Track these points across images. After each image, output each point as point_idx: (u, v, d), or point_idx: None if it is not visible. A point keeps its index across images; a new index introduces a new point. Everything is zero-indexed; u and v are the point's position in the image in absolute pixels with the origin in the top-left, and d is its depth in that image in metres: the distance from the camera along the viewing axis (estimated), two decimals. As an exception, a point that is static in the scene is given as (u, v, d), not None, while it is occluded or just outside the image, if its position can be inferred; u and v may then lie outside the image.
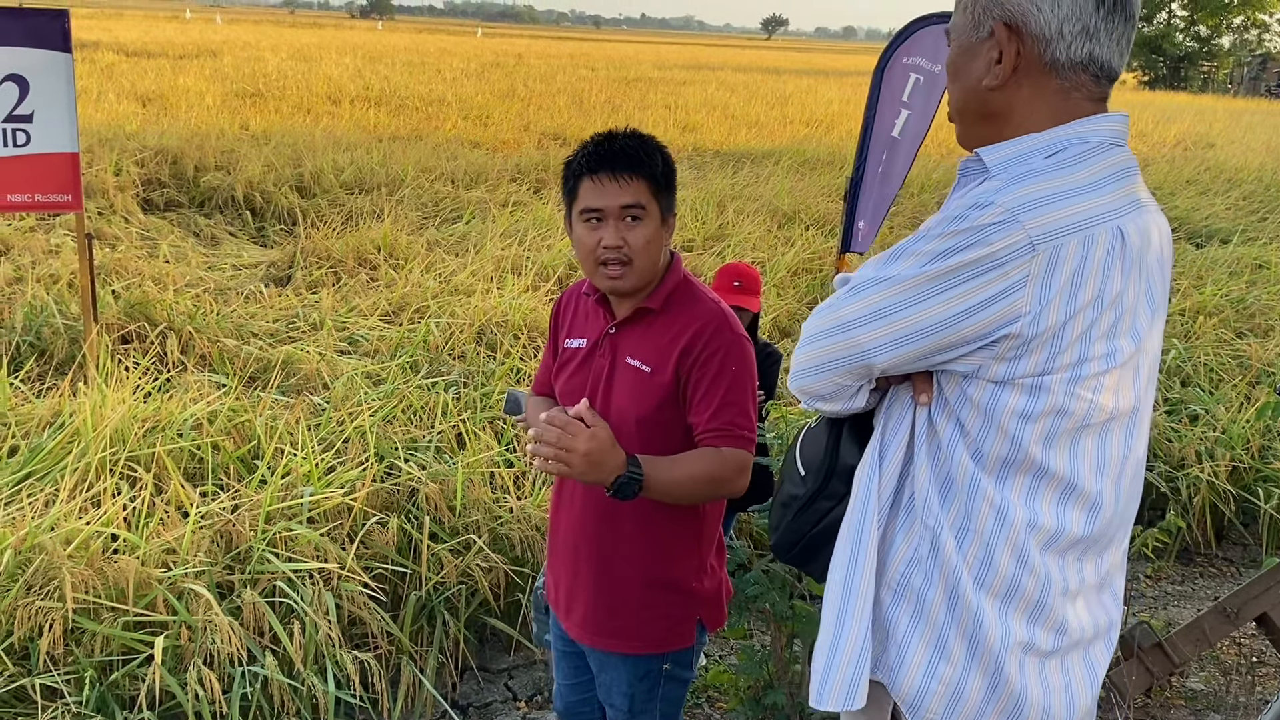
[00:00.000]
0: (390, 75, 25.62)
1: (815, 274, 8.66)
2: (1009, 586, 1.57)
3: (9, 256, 7.82)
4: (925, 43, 6.91)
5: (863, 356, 1.58)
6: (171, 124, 14.21)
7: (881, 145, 7.15)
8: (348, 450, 4.58)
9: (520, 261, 8.30)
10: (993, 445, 1.54)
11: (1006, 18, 1.55)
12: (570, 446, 2.04)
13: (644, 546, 2.33)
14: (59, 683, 3.22)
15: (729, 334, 2.27)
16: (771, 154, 15.80)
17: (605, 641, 2.39)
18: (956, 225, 1.48)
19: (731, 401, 2.23)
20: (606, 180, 2.23)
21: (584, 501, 2.37)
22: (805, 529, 1.80)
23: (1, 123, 5.11)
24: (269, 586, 3.62)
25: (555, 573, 2.51)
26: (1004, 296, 1.45)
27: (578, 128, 17.72)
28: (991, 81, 1.59)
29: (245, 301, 7.27)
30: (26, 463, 4.22)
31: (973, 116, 1.66)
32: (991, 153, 1.59)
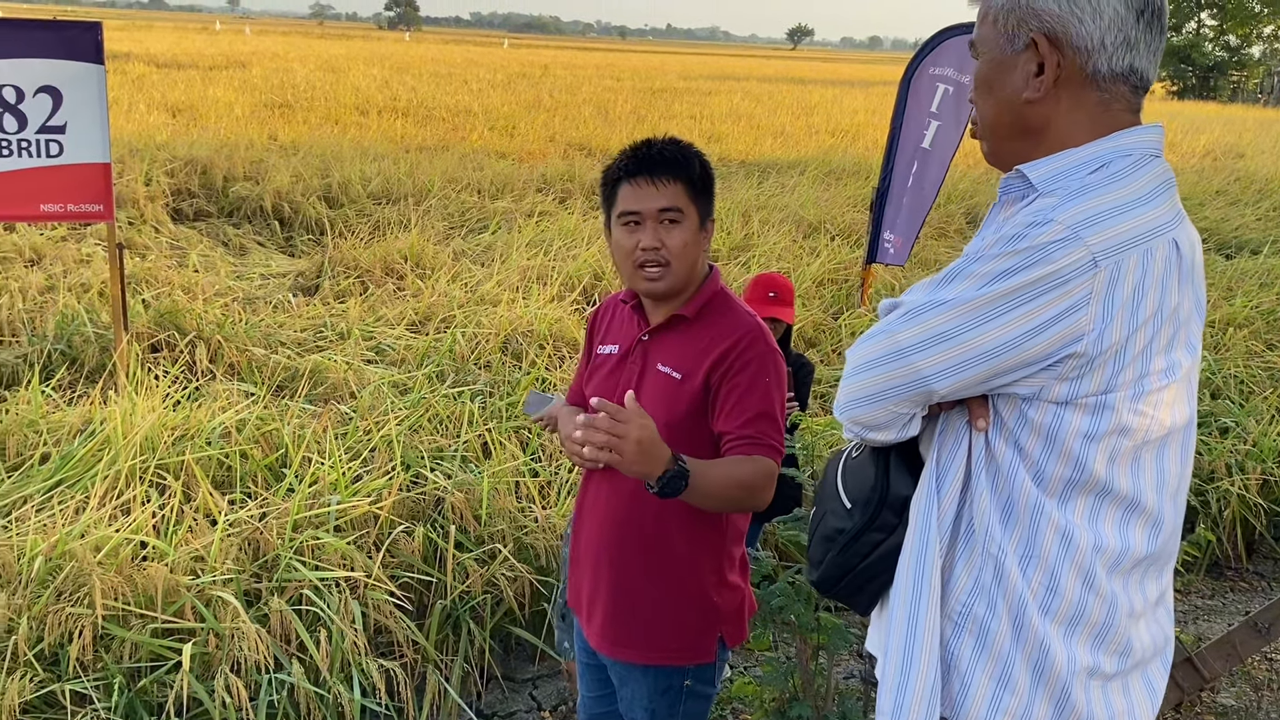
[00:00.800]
0: (417, 86, 25.78)
1: (841, 284, 8.64)
2: (1075, 612, 1.54)
3: (41, 265, 7.91)
4: (952, 53, 6.91)
5: (922, 383, 1.54)
6: (201, 134, 14.33)
7: (910, 156, 7.14)
8: (374, 459, 4.60)
9: (546, 271, 8.32)
10: (1055, 468, 1.51)
11: (1047, 29, 1.53)
12: (623, 434, 1.96)
13: (665, 558, 2.33)
14: (88, 689, 3.25)
15: (763, 346, 2.28)
16: (797, 164, 15.78)
17: (624, 652, 2.39)
18: (1015, 244, 1.45)
19: (764, 413, 2.23)
20: (644, 183, 2.26)
21: (606, 510, 2.38)
22: (853, 563, 1.73)
23: (35, 133, 5.18)
24: (296, 594, 3.64)
25: (577, 581, 2.52)
26: (1067, 315, 1.43)
27: (603, 138, 17.77)
28: (1032, 94, 1.56)
29: (273, 311, 7.32)
30: (58, 470, 4.27)
31: (1007, 131, 1.63)
32: (1034, 169, 1.56)
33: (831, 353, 7.08)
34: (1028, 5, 1.55)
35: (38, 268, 7.83)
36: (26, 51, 5.10)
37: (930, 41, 7.03)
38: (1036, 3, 1.54)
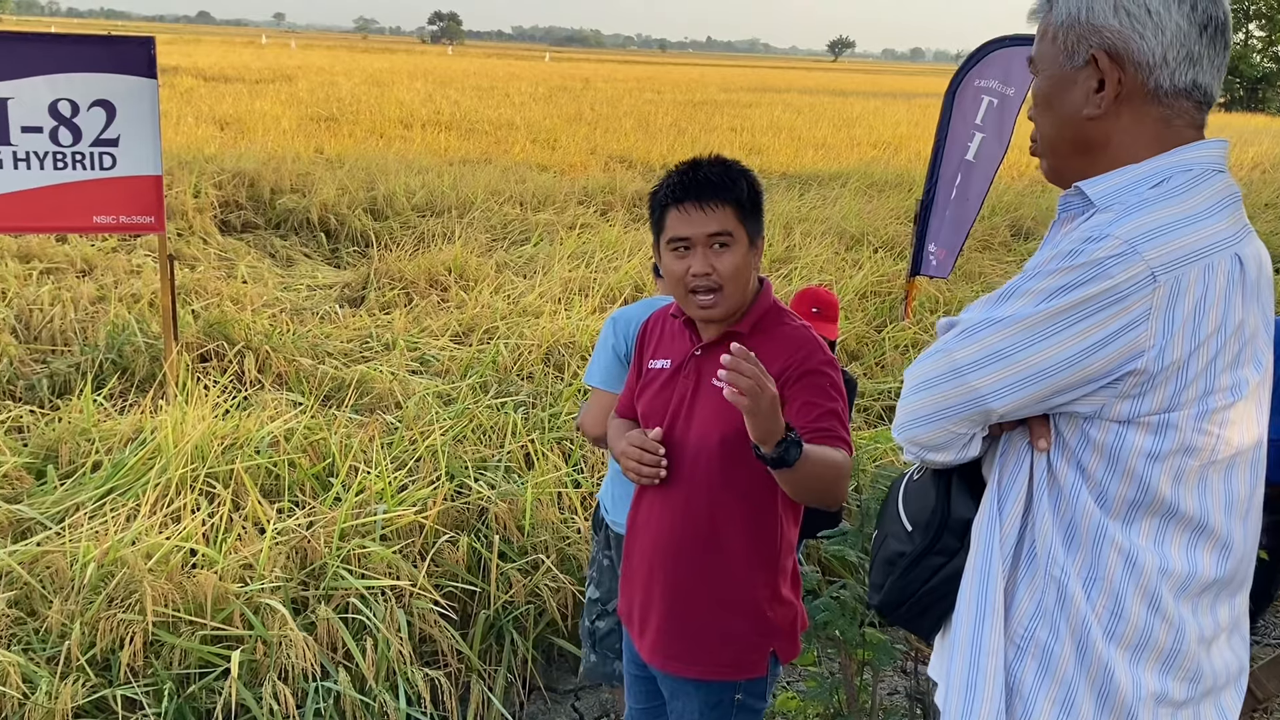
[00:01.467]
0: (460, 99, 25.98)
1: (884, 297, 8.60)
2: (1141, 636, 1.51)
3: (93, 276, 8.05)
4: (997, 65, 6.88)
5: (979, 402, 1.52)
6: (249, 147, 14.52)
7: (955, 168, 7.11)
8: (419, 469, 4.63)
9: (587, 283, 8.35)
10: (1118, 488, 1.49)
11: (1108, 46, 1.52)
12: (764, 384, 1.93)
13: (718, 572, 2.32)
14: (139, 694, 3.29)
15: (820, 357, 2.28)
16: (839, 176, 15.74)
17: (676, 665, 2.39)
18: (1072, 260, 1.43)
19: (830, 411, 2.23)
20: (692, 209, 2.25)
21: (660, 525, 2.37)
22: (915, 587, 1.72)
23: (89, 146, 5.27)
24: (343, 603, 3.67)
25: (629, 594, 2.51)
26: (1127, 331, 1.41)
27: (644, 150, 17.82)
28: (1092, 111, 1.55)
29: (320, 321, 7.40)
30: (109, 478, 4.33)
31: (1068, 148, 1.61)
32: (1093, 185, 1.54)
33: (875, 365, 7.05)
34: (1088, 21, 1.53)
35: (89, 278, 7.96)
36: (81, 66, 5.19)
37: (976, 53, 6.99)
38: (1097, 18, 1.52)
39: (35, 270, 7.91)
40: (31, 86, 5.12)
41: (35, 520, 4.04)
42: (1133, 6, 1.50)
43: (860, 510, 3.37)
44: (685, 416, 2.33)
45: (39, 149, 5.19)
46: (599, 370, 2.97)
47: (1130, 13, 1.50)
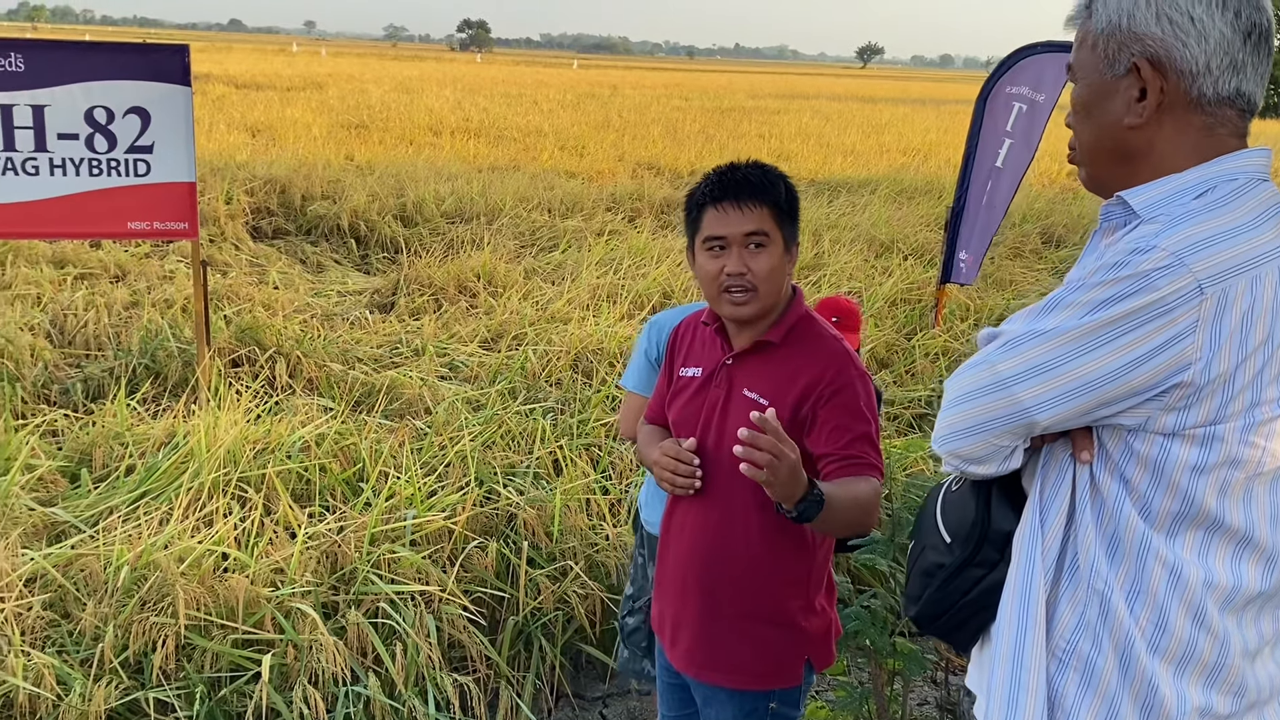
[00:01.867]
0: (489, 107, 26.10)
1: (914, 304, 8.55)
2: (1185, 650, 1.49)
3: (126, 281, 8.13)
4: (1029, 72, 6.83)
5: (1024, 415, 1.51)
6: (280, 154, 14.63)
7: (985, 175, 7.07)
8: (449, 474, 4.65)
9: (615, 290, 8.36)
10: (1162, 501, 1.47)
11: (1150, 54, 1.50)
12: (783, 455, 1.94)
13: (752, 581, 2.31)
14: (170, 697, 3.31)
15: (852, 370, 2.27)
16: (868, 183, 15.69)
17: (710, 675, 2.38)
18: (1118, 272, 1.42)
19: (862, 435, 2.22)
20: (730, 208, 2.25)
21: (694, 535, 2.36)
22: (954, 599, 1.70)
23: (124, 153, 5.32)
24: (372, 607, 3.68)
25: (662, 603, 2.50)
26: (1173, 344, 1.39)
27: (672, 157, 17.83)
28: (1134, 120, 1.53)
29: (350, 327, 7.44)
30: (142, 482, 4.37)
31: (1108, 157, 1.59)
32: (1136, 195, 1.52)
33: (905, 374, 7.01)
34: (1129, 29, 1.51)
35: (123, 283, 8.04)
36: (117, 74, 5.25)
37: (1008, 60, 6.95)
38: (1139, 26, 1.50)
39: (70, 276, 8.00)
40: (68, 94, 5.19)
41: (69, 523, 4.08)
42: (1175, 14, 1.47)
43: (891, 520, 3.36)
44: (717, 426, 2.32)
45: (75, 156, 5.25)
46: (632, 373, 3.03)
47: (1173, 20, 1.47)
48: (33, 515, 4.07)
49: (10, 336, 6.19)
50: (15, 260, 8.19)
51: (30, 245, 8.44)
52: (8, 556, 3.63)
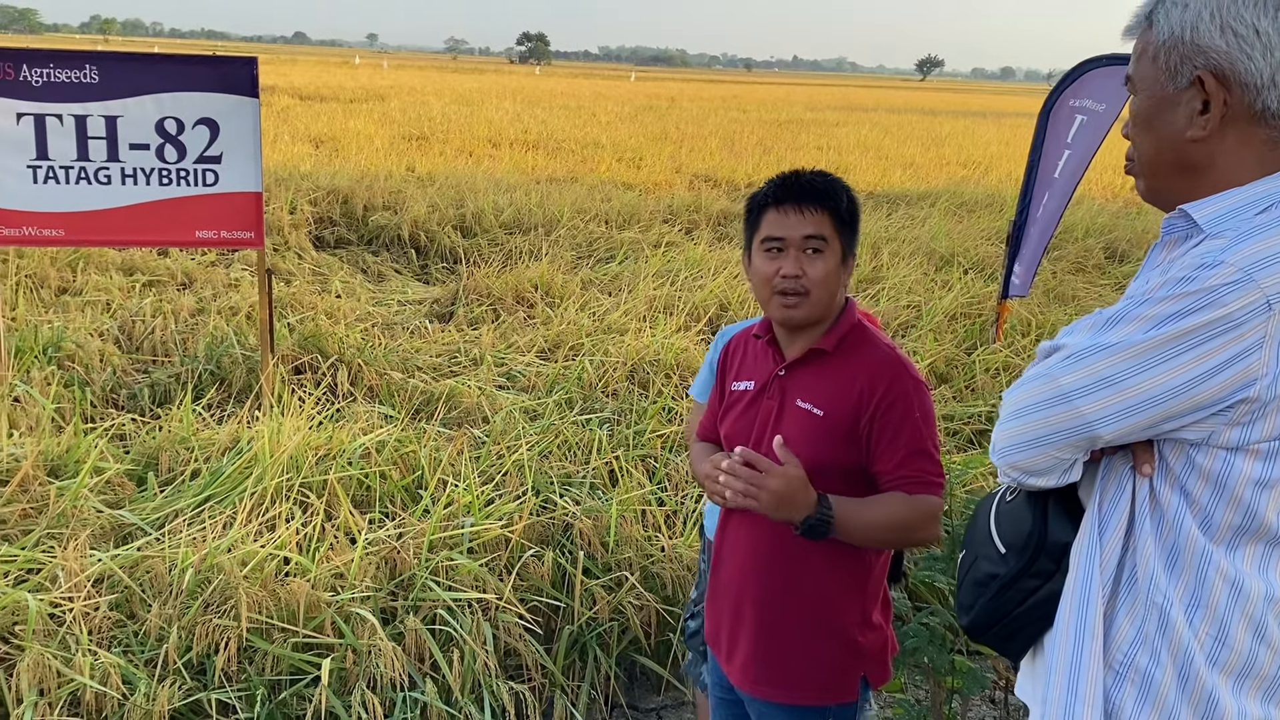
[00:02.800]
0: (548, 119, 26.28)
1: (974, 319, 8.46)
2: (1245, 663, 1.48)
3: (192, 289, 8.29)
4: (1094, 84, 6.74)
5: (1087, 428, 1.50)
6: (342, 165, 14.84)
7: (1044, 188, 6.98)
8: (506, 483, 4.68)
9: (672, 301, 8.36)
10: (1224, 515, 1.46)
11: (1213, 67, 1.47)
12: (760, 483, 2.08)
13: (808, 595, 2.30)
14: (232, 699, 3.36)
15: (908, 379, 2.24)
16: (927, 195, 15.56)
17: (765, 690, 2.36)
18: (1185, 287, 1.40)
19: (918, 448, 2.20)
20: (791, 210, 2.25)
21: (748, 548, 2.35)
22: (1008, 609, 1.70)
23: (193, 163, 5.44)
24: (430, 614, 3.71)
25: (716, 617, 2.49)
26: (1240, 359, 1.38)
27: (729, 169, 17.82)
28: (1197, 133, 1.51)
29: (410, 336, 7.52)
30: (207, 486, 4.45)
31: (1168, 169, 1.57)
32: (1199, 209, 1.50)
33: (965, 389, 6.94)
34: (1193, 41, 1.49)
35: (189, 291, 8.20)
36: (188, 85, 5.36)
37: (1072, 73, 6.87)
38: (1202, 39, 1.48)
39: (138, 283, 8.17)
40: (140, 105, 5.31)
41: (136, 526, 4.16)
42: (1240, 27, 1.45)
43: (950, 537, 3.32)
44: (770, 437, 2.31)
45: (145, 165, 5.37)
46: (698, 382, 3.13)
47: (1238, 33, 1.45)
48: (101, 517, 4.16)
49: (80, 342, 6.34)
50: (86, 267, 8.38)
51: (100, 252, 8.64)
52: (77, 557, 3.71)
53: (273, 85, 31.47)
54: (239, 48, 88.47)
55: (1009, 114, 43.10)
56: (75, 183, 5.31)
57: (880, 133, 28.02)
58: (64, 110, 5.24)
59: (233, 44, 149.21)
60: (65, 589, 3.57)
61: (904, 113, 41.11)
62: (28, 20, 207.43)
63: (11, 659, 3.33)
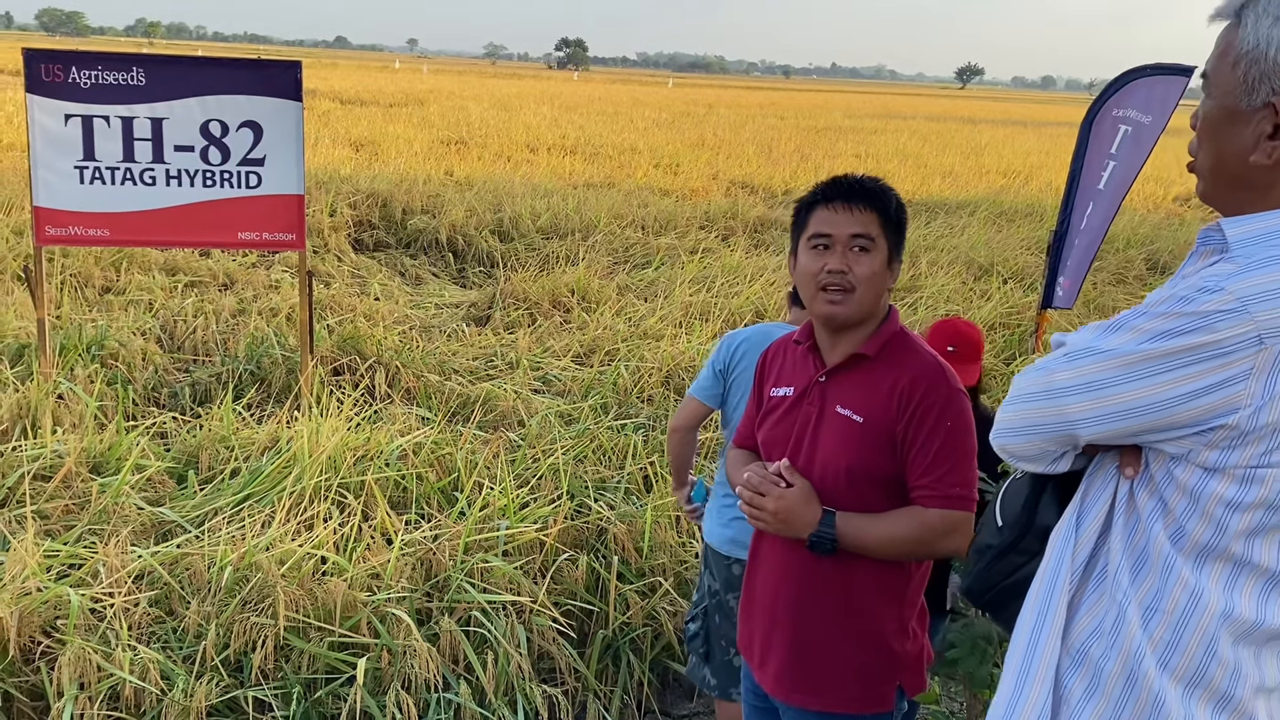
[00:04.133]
0: (585, 124, 26.35)
1: (1013, 329, 8.40)
2: (1195, 672, 1.48)
3: (233, 290, 8.38)
4: (1138, 94, 6.67)
5: (1069, 426, 1.53)
6: (382, 169, 14.96)
7: (1087, 198, 6.92)
8: (541, 487, 4.69)
9: (708, 308, 8.36)
10: (1194, 528, 1.46)
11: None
12: (760, 505, 2.21)
13: (844, 603, 2.28)
14: (268, 696, 3.38)
15: (946, 388, 2.23)
16: (966, 204, 15.46)
17: (801, 698, 2.35)
18: (1181, 306, 1.40)
19: (944, 459, 2.19)
20: (840, 208, 2.26)
21: (783, 555, 2.34)
22: (996, 580, 1.77)
23: (236, 165, 5.49)
24: (465, 616, 3.73)
25: (750, 624, 2.48)
26: (1223, 387, 1.38)
27: (766, 176, 17.79)
28: (1261, 159, 1.47)
29: (447, 339, 7.56)
30: (246, 485, 4.49)
31: (1225, 182, 1.55)
32: (1235, 226, 1.47)
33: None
34: (1275, 59, 1.45)
35: (230, 292, 8.29)
36: (233, 88, 5.42)
37: (1116, 82, 6.80)
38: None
39: (180, 283, 8.27)
40: (185, 107, 5.38)
41: (176, 523, 4.21)
42: None
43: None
44: (810, 444, 2.29)
45: (190, 167, 5.43)
46: (697, 380, 3.27)
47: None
48: (141, 514, 4.21)
49: (123, 340, 6.42)
50: (129, 267, 8.50)
51: (144, 253, 8.75)
52: (118, 553, 3.75)
53: (314, 89, 31.76)
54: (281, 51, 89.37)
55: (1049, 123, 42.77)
56: (121, 184, 5.38)
57: (919, 141, 27.88)
58: (111, 112, 5.31)
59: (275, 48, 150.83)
60: (106, 585, 3.62)
61: (943, 121, 40.88)
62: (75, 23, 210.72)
63: (53, 653, 3.38)
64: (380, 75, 51.22)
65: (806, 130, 29.77)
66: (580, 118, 28.70)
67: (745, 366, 3.15)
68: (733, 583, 3.17)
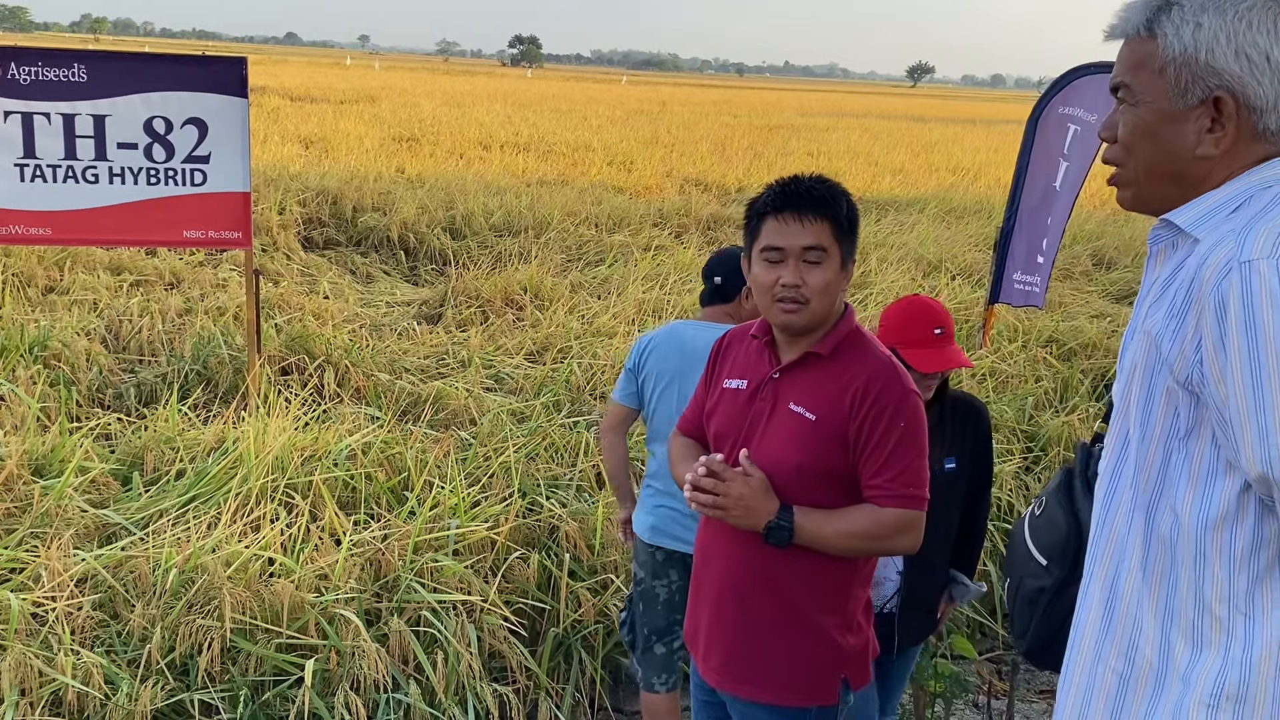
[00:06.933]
0: (539, 122, 26.27)
1: (962, 325, 8.48)
2: None
3: (180, 289, 8.26)
4: (1084, 92, 6.76)
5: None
6: (332, 166, 14.82)
7: (1039, 196, 7.00)
8: (492, 485, 4.68)
9: (661, 305, 8.37)
10: None
11: (1225, 87, 1.52)
12: (725, 492, 2.21)
13: (789, 597, 2.30)
14: (215, 699, 3.35)
15: (899, 388, 2.25)
16: (916, 201, 15.60)
17: (745, 688, 2.36)
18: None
19: (898, 459, 2.21)
20: (790, 220, 2.25)
21: (730, 548, 2.36)
22: (1061, 619, 1.70)
23: (181, 163, 5.41)
24: (415, 616, 3.71)
25: (696, 616, 2.50)
26: None
27: (719, 173, 17.84)
28: (1208, 151, 1.55)
29: (398, 338, 7.51)
30: (192, 486, 4.43)
31: (1166, 179, 1.61)
32: (1180, 215, 1.56)
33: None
34: (1207, 62, 1.53)
35: (176, 291, 8.17)
36: (176, 85, 5.34)
37: (1060, 80, 6.89)
38: (1218, 61, 1.52)
39: (125, 282, 8.15)
40: (128, 104, 5.29)
41: (120, 525, 4.15)
42: (1254, 53, 1.50)
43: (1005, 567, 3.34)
44: (760, 439, 2.31)
45: (134, 165, 5.35)
46: (616, 384, 3.42)
47: (1251, 59, 1.50)
48: (85, 517, 4.15)
49: (67, 341, 6.31)
50: (73, 266, 8.35)
51: (88, 252, 8.61)
52: (60, 557, 3.69)
53: (263, 86, 31.39)
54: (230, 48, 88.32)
55: (999, 120, 43.24)
56: (63, 181, 5.29)
57: (870, 139, 28.08)
58: (52, 109, 5.21)
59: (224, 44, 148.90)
60: (48, 589, 3.56)
61: (894, 119, 41.21)
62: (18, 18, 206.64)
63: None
64: (331, 72, 50.76)
65: (759, 128, 29.88)
66: (534, 115, 28.61)
67: (653, 365, 3.26)
68: (656, 570, 3.24)
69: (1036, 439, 6.17)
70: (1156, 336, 1.53)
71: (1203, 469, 1.50)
